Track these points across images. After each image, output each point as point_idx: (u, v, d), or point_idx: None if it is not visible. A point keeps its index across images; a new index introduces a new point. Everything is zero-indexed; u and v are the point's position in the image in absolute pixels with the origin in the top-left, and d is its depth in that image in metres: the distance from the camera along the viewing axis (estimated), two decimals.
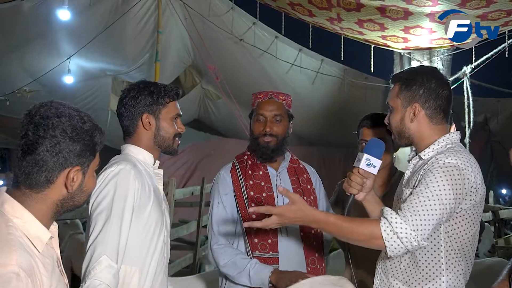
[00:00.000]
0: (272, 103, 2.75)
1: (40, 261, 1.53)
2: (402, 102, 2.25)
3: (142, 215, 2.26)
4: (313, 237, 2.72)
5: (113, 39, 9.08)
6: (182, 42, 10.30)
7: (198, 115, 12.91)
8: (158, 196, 2.38)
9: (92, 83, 10.09)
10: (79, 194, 1.64)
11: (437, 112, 2.23)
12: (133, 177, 2.21)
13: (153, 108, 2.40)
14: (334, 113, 10.66)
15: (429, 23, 6.68)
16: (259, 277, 2.53)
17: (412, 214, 2.03)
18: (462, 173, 2.07)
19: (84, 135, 1.60)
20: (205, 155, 11.47)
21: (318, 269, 2.71)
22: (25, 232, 1.52)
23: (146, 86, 2.42)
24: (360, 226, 2.12)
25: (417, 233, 2.02)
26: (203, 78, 11.67)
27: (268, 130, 2.70)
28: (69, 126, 1.57)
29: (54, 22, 8.41)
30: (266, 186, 2.73)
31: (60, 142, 1.55)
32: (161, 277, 2.36)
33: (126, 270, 2.21)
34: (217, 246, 2.68)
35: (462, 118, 7.50)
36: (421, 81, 2.23)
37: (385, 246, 2.05)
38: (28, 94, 9.39)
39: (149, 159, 2.42)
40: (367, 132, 2.92)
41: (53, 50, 9.14)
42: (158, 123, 2.42)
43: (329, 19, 7.27)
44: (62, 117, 1.57)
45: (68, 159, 1.56)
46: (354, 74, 10.36)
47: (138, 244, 2.25)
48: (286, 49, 9.90)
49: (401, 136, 2.28)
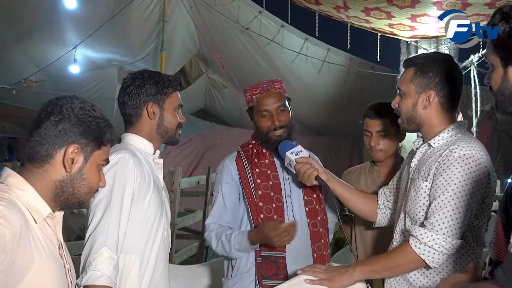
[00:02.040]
0: (271, 95, 2.72)
1: (35, 230, 1.56)
2: (416, 88, 2.22)
3: (142, 204, 2.25)
4: (319, 223, 2.74)
5: (118, 28, 9.08)
6: (188, 31, 10.29)
7: (204, 105, 12.92)
8: (157, 185, 2.37)
9: (98, 73, 10.10)
10: (79, 181, 1.65)
11: (449, 100, 2.22)
12: (131, 166, 2.20)
13: (158, 97, 2.39)
14: (340, 102, 10.64)
15: (436, 11, 6.63)
16: (244, 247, 2.59)
17: (439, 219, 2.05)
18: (478, 162, 2.07)
19: (91, 119, 1.64)
20: (211, 145, 11.48)
21: (324, 255, 2.73)
22: (24, 203, 1.56)
23: (150, 75, 2.41)
24: (396, 257, 2.17)
25: (448, 236, 2.04)
26: (209, 68, 11.68)
27: (277, 123, 2.69)
28: (78, 107, 1.63)
29: (60, 11, 8.41)
30: (273, 175, 2.73)
31: (65, 118, 1.60)
32: (162, 265, 2.36)
33: (126, 259, 2.21)
34: (207, 233, 2.72)
35: (469, 107, 7.47)
36: (438, 68, 2.20)
37: (423, 260, 2.08)
38: (34, 84, 9.40)
39: (149, 148, 2.41)
40: (370, 122, 2.92)
41: (59, 40, 9.15)
42: (162, 113, 2.40)
43: (336, 7, 7.23)
44: (74, 101, 1.64)
45: (70, 136, 1.60)
46: (360, 63, 10.32)
47: (138, 233, 2.25)
48: (292, 38, 9.87)
49: (411, 122, 2.26)
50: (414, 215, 2.20)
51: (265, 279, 2.61)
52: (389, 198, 2.56)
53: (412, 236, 2.11)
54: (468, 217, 2.07)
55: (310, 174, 2.46)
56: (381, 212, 2.57)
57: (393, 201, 2.54)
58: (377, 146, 2.90)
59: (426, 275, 2.18)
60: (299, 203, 2.73)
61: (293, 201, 2.72)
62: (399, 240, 2.30)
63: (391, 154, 2.96)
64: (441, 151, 2.15)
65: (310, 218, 2.73)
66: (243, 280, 2.67)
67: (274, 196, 2.69)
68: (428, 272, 2.18)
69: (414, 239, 2.09)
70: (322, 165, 2.56)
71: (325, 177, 2.48)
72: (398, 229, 2.32)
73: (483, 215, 2.15)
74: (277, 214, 2.66)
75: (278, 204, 2.68)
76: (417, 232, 2.09)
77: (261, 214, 2.64)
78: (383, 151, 2.92)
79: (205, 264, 3.90)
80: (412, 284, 2.21)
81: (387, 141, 2.90)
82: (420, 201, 2.17)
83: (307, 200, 2.74)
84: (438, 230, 2.05)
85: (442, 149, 2.15)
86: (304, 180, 2.50)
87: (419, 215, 2.17)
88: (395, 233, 2.34)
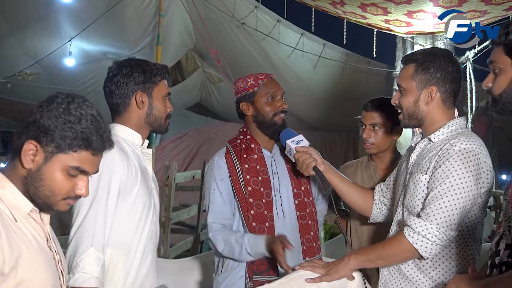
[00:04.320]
0: (276, 83, 2.78)
1: (18, 228, 1.53)
2: (417, 84, 2.22)
3: (129, 198, 2.22)
4: (308, 216, 2.74)
5: (114, 21, 9.04)
6: (184, 25, 10.26)
7: (200, 99, 12.90)
8: (146, 177, 2.34)
9: (93, 66, 10.05)
10: (38, 181, 1.56)
11: (450, 96, 2.23)
12: (117, 160, 2.16)
13: (146, 86, 2.32)
14: (336, 97, 10.64)
15: (433, 7, 6.64)
16: (256, 251, 2.56)
17: (434, 210, 2.06)
18: (477, 157, 2.09)
19: (62, 121, 1.54)
20: (206, 139, 11.46)
21: (313, 247, 2.73)
22: (5, 201, 1.53)
23: (138, 63, 2.34)
24: (390, 246, 2.18)
25: (442, 226, 2.04)
26: (204, 62, 11.65)
27: (285, 106, 2.73)
28: (56, 107, 1.55)
29: (55, 3, 8.37)
30: (262, 170, 2.73)
31: (34, 113, 1.54)
32: (149, 258, 2.34)
33: (112, 254, 2.18)
34: (212, 234, 2.69)
35: (464, 103, 7.48)
36: (439, 64, 2.21)
37: (416, 249, 2.08)
38: (29, 77, 9.36)
39: (137, 139, 2.36)
40: (365, 114, 2.95)
41: (54, 32, 9.10)
42: (151, 102, 2.34)
43: (332, 3, 7.23)
44: (59, 100, 1.57)
45: (33, 131, 1.54)
46: (357, 58, 10.32)
47: (125, 227, 2.22)
48: (288, 33, 9.85)
49: (412, 118, 2.27)
50: (412, 208, 2.20)
51: (256, 274, 2.61)
52: (385, 194, 2.56)
53: (407, 226, 2.12)
54: (464, 210, 2.07)
55: (309, 164, 2.47)
56: (376, 207, 2.58)
57: (389, 197, 2.55)
58: (369, 139, 2.92)
59: (422, 270, 2.19)
60: (288, 197, 2.73)
61: (282, 195, 2.72)
62: (395, 232, 2.31)
63: (386, 149, 2.96)
64: (441, 145, 2.16)
65: (299, 211, 2.74)
66: (233, 276, 2.67)
67: (264, 191, 2.68)
68: (424, 267, 2.18)
69: (409, 228, 2.10)
70: (321, 156, 2.56)
71: (323, 168, 2.49)
72: (395, 222, 2.33)
73: (479, 210, 2.16)
74: (267, 210, 2.66)
75: (267, 200, 2.68)
76: (412, 221, 2.10)
77: (251, 210, 2.64)
78: (374, 145, 2.93)
79: (194, 258, 3.88)
80: (409, 278, 2.21)
81: (381, 135, 2.91)
82: (419, 194, 2.18)
83: (296, 193, 2.75)
84: (432, 220, 2.05)
85: (442, 144, 2.16)
86: (302, 170, 2.50)
87: (417, 208, 2.18)
88: (392, 226, 2.35)
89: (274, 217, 2.68)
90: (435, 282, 2.17)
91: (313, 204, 2.79)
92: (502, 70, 1.84)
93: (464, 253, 2.16)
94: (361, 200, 2.60)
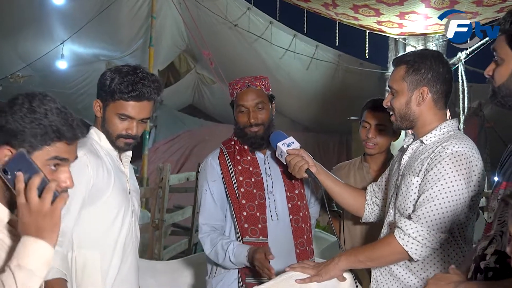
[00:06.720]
0: (251, 92, 2.70)
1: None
2: (409, 86, 2.23)
3: (100, 201, 2.22)
4: (301, 219, 2.74)
5: (106, 24, 9.02)
6: (176, 27, 10.26)
7: (193, 100, 12.89)
8: (121, 179, 2.33)
9: (85, 68, 10.03)
10: None
11: (441, 96, 2.24)
12: (84, 165, 2.15)
13: (104, 97, 2.28)
14: (329, 99, 10.66)
15: (425, 8, 6.67)
16: (239, 261, 2.56)
17: (425, 212, 2.07)
18: (469, 160, 2.09)
19: (27, 119, 1.50)
20: (199, 141, 11.45)
21: (306, 250, 2.74)
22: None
23: (119, 72, 2.26)
24: (380, 247, 2.19)
25: (432, 229, 2.05)
26: (197, 63, 11.64)
27: (252, 121, 2.67)
28: (24, 108, 1.51)
29: (48, 6, 8.35)
30: (255, 171, 2.73)
31: (7, 116, 1.50)
32: (130, 259, 2.35)
33: (86, 255, 2.20)
34: (202, 235, 2.70)
35: (456, 104, 7.51)
36: (430, 64, 2.21)
37: (406, 251, 2.08)
38: (21, 79, 9.33)
39: (107, 143, 2.34)
40: (370, 115, 2.95)
41: (46, 35, 9.08)
42: (105, 115, 2.29)
43: (324, 5, 7.23)
44: (20, 101, 1.53)
45: (4, 136, 1.50)
46: (349, 59, 10.35)
47: (97, 229, 2.23)
48: (280, 34, 9.87)
49: (404, 119, 2.27)
50: (404, 210, 2.21)
51: (248, 277, 2.61)
52: (377, 194, 2.57)
53: (397, 227, 2.12)
54: (455, 213, 2.08)
55: (301, 167, 2.46)
56: (368, 207, 2.58)
57: (381, 197, 2.56)
58: (373, 139, 2.93)
59: (413, 272, 2.19)
60: (282, 200, 2.73)
61: (275, 197, 2.72)
62: (386, 233, 2.32)
63: (383, 150, 2.99)
64: (433, 147, 2.16)
65: (293, 214, 2.74)
66: (226, 278, 2.67)
67: (257, 193, 2.68)
68: (415, 269, 2.19)
69: (399, 230, 2.11)
70: (312, 158, 2.56)
71: (315, 170, 2.49)
72: (386, 224, 2.34)
73: (470, 212, 2.16)
74: (259, 211, 2.66)
75: (260, 202, 2.68)
76: (403, 223, 2.11)
77: (244, 212, 2.64)
78: (378, 145, 2.95)
79: (185, 259, 3.89)
80: (400, 279, 2.22)
81: (383, 136, 2.93)
82: (411, 196, 2.19)
83: (290, 196, 2.74)
84: (423, 222, 2.06)
85: (434, 146, 2.17)
86: (294, 172, 2.50)
87: (409, 210, 2.19)
88: (383, 228, 2.36)
89: (268, 219, 2.68)
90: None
91: (307, 207, 2.79)
92: (503, 60, 1.82)
93: (455, 255, 2.17)
94: (353, 200, 2.60)
